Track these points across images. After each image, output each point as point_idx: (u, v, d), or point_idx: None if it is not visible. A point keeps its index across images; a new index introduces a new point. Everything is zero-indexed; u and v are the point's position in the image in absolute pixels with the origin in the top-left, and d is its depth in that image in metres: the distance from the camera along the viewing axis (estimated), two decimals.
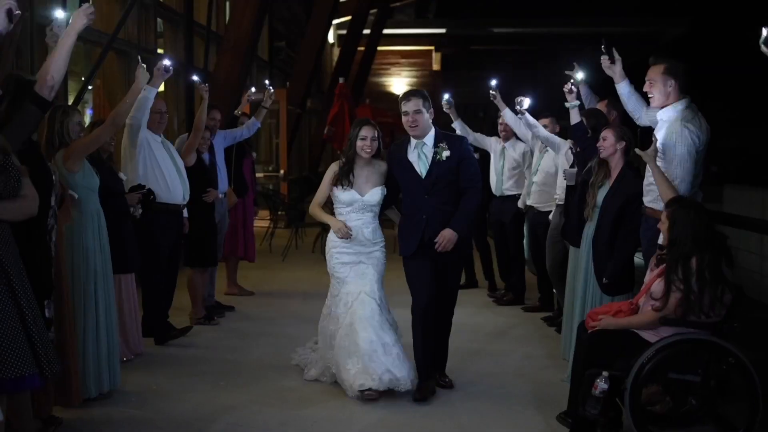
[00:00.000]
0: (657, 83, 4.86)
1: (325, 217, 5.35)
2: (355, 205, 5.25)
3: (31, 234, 3.69)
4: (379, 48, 23.79)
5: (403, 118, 5.24)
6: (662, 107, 4.90)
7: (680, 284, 4.09)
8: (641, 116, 5.15)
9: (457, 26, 25.81)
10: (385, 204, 5.41)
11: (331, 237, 5.32)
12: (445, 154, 5.15)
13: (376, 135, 5.25)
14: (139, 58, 5.61)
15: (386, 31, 23.50)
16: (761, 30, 3.52)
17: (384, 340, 5.07)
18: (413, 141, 5.27)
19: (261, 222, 11.80)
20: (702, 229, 4.19)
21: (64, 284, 4.58)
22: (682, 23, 24.58)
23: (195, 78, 7.09)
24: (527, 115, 6.92)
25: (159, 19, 9.98)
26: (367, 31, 21.93)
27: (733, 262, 4.20)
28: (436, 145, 5.20)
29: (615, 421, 4.27)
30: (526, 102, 6.90)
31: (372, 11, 21.94)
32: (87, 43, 8.10)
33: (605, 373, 4.07)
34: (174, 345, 6.28)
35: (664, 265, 4.25)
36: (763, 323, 3.20)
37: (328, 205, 5.49)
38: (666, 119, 4.87)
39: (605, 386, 4.05)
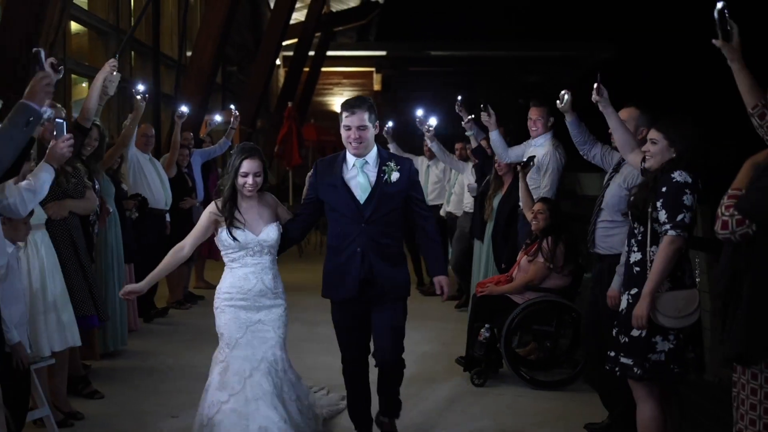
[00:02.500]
0: (543, 120, 6.45)
1: (156, 273, 4.40)
2: (250, 247, 4.29)
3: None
4: (323, 69, 24.87)
5: (344, 133, 4.26)
6: (536, 137, 6.56)
7: (546, 253, 5.77)
8: (506, 157, 6.69)
9: (397, 49, 26.94)
10: (288, 242, 4.51)
11: (224, 287, 4.39)
12: (395, 175, 4.25)
13: (261, 169, 4.25)
14: (139, 94, 6.67)
15: (329, 53, 24.64)
16: (564, 94, 5.15)
17: (283, 420, 4.23)
18: (350, 159, 4.32)
19: None
20: (561, 220, 5.92)
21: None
22: (610, 48, 26.23)
23: (183, 109, 8.19)
24: (435, 143, 8.32)
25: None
26: (311, 53, 23.01)
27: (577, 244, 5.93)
28: (383, 163, 4.29)
29: (496, 362, 5.91)
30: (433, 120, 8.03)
31: (317, 34, 23.19)
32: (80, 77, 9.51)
33: (487, 325, 5.73)
34: (158, 322, 7.77)
35: (532, 245, 5.95)
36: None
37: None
38: (540, 145, 6.53)
39: (487, 334, 5.70)
